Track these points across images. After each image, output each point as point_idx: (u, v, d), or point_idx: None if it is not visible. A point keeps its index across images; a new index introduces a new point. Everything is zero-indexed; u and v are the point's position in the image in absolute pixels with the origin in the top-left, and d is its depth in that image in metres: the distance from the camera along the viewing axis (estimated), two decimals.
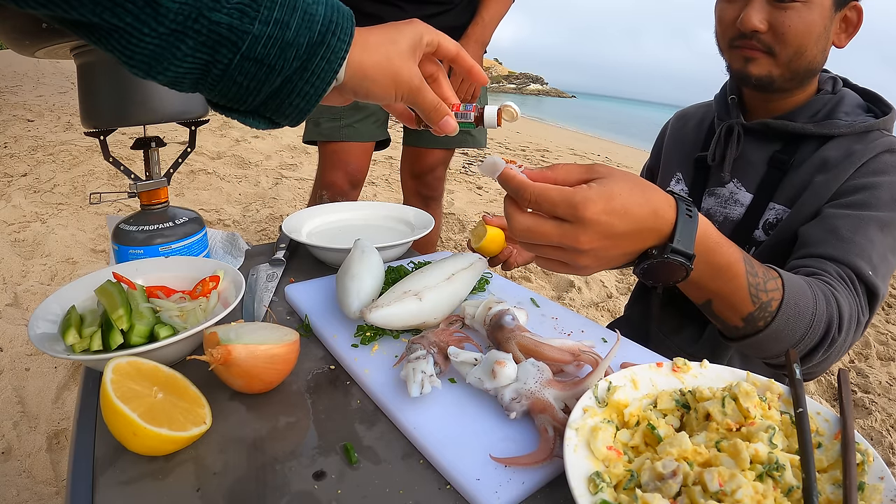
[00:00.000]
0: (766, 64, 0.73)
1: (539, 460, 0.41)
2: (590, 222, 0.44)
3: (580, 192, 0.44)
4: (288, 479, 0.41)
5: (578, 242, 0.45)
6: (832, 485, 0.37)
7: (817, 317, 0.57)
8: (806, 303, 0.57)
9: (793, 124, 0.77)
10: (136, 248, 0.71)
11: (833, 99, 0.78)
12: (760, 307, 0.55)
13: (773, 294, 0.55)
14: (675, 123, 1.00)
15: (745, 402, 0.41)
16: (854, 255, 0.64)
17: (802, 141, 0.77)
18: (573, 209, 0.44)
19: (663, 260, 0.47)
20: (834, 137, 0.74)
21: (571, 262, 0.48)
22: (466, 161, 5.27)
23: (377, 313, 0.56)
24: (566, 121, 19.50)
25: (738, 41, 0.74)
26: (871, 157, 0.71)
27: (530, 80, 77.55)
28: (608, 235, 0.45)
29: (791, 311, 0.56)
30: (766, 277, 0.55)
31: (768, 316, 0.56)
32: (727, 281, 0.53)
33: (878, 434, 1.65)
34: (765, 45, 0.72)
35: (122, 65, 0.35)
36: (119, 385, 0.42)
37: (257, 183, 3.64)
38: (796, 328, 0.57)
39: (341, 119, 1.40)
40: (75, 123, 4.69)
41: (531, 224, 0.46)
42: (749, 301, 0.55)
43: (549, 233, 0.46)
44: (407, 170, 1.64)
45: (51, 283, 2.07)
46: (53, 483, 1.22)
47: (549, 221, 0.46)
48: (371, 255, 0.68)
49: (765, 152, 0.80)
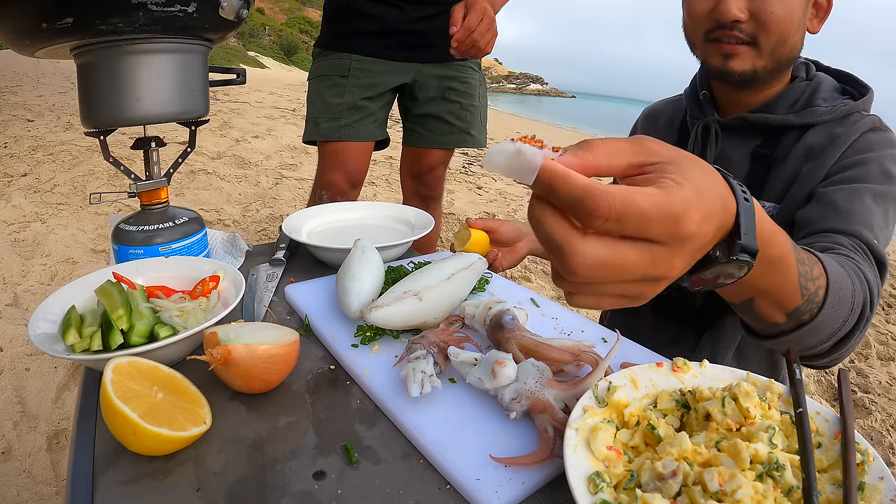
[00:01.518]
0: (749, 57, 0.69)
1: (539, 460, 0.41)
2: (691, 238, 0.31)
3: (677, 199, 0.30)
4: (288, 479, 0.41)
5: (671, 269, 0.32)
6: (832, 485, 0.37)
7: (856, 299, 0.52)
8: (846, 285, 0.51)
9: (773, 117, 0.73)
10: (136, 248, 0.71)
11: (810, 86, 0.75)
12: (808, 299, 0.48)
13: (819, 282, 0.48)
14: (645, 123, 0.95)
15: (745, 402, 0.41)
16: (857, 224, 0.62)
17: (783, 133, 0.74)
18: (674, 224, 0.30)
19: (729, 262, 0.35)
20: (816, 125, 0.72)
21: (643, 295, 0.34)
22: (466, 161, 5.27)
23: (377, 313, 0.56)
24: (566, 121, 19.50)
25: (716, 33, 0.69)
26: (856, 137, 0.69)
27: (530, 80, 77.56)
28: (699, 249, 0.33)
29: (836, 297, 0.50)
30: (811, 263, 0.48)
31: (815, 307, 0.49)
32: (779, 275, 0.44)
33: (878, 434, 1.65)
34: (747, 34, 0.68)
35: None
36: (119, 385, 0.42)
37: (257, 183, 3.64)
38: (839, 315, 0.51)
39: (340, 119, 1.40)
40: (75, 123, 4.69)
41: (610, 256, 0.30)
42: (798, 294, 0.47)
43: (636, 264, 0.31)
44: (406, 170, 1.64)
45: (51, 283, 2.07)
46: (53, 483, 1.22)
47: (633, 248, 0.30)
48: (371, 255, 0.68)
49: (745, 148, 0.77)
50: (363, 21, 1.36)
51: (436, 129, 1.51)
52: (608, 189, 0.29)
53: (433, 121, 1.50)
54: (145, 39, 0.65)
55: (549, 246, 0.31)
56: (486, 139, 1.62)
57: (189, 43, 0.70)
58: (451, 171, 4.66)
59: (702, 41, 0.72)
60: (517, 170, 0.30)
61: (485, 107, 1.59)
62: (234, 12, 0.69)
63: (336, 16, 1.41)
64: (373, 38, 1.37)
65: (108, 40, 0.63)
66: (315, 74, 1.46)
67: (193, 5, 0.64)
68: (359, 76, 1.39)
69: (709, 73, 0.78)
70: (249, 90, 9.25)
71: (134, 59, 0.65)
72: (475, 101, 1.53)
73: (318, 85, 1.44)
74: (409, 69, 1.42)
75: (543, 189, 0.30)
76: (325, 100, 1.41)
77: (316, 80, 1.45)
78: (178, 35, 0.67)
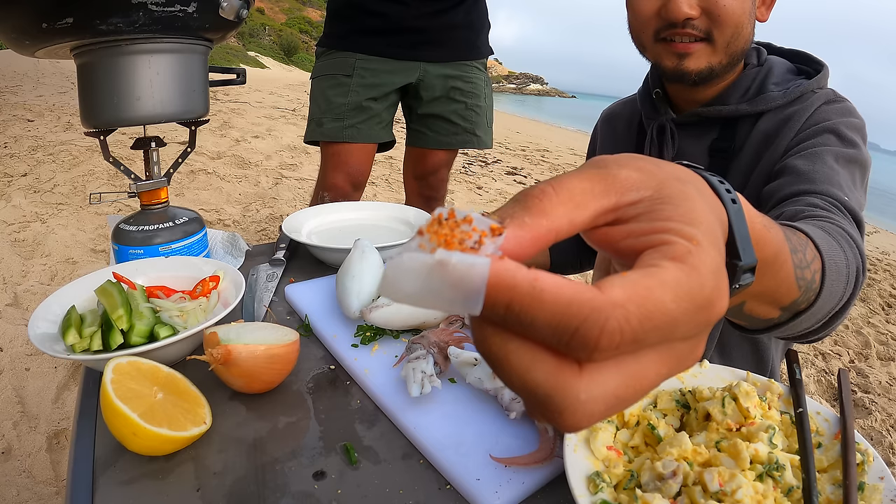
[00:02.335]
0: (705, 55, 0.66)
1: (539, 460, 0.41)
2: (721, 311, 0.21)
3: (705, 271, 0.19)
4: (288, 479, 0.41)
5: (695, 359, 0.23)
6: (832, 485, 0.37)
7: (850, 269, 0.47)
8: (839, 258, 0.46)
9: (726, 108, 0.71)
10: (136, 248, 0.71)
11: (761, 71, 0.72)
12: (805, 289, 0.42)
13: (814, 265, 0.42)
14: (604, 127, 0.92)
15: (745, 402, 0.41)
16: (824, 184, 0.58)
17: (738, 123, 0.72)
18: (707, 313, 0.20)
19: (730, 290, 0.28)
20: (769, 111, 0.70)
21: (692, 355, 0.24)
22: (466, 161, 5.27)
23: (377, 313, 0.56)
24: (566, 121, 19.52)
25: (667, 32, 0.66)
26: (811, 113, 0.67)
27: (530, 80, 77.54)
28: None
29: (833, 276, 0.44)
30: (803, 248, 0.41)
31: (812, 295, 0.43)
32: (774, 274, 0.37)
33: (878, 434, 1.65)
34: (701, 31, 0.65)
35: None
36: (119, 385, 0.42)
37: (257, 183, 3.64)
38: (836, 292, 0.45)
39: (345, 120, 1.39)
40: (75, 123, 4.69)
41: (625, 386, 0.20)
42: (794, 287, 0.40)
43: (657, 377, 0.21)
44: (410, 171, 1.63)
45: (51, 283, 2.07)
46: (53, 483, 1.22)
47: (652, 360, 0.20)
48: (371, 255, 0.68)
49: (703, 143, 0.75)
50: (368, 18, 1.35)
51: (440, 130, 1.50)
52: (610, 297, 0.17)
53: (438, 121, 1.49)
54: (145, 39, 0.65)
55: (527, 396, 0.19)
56: (492, 140, 1.60)
57: (189, 43, 0.70)
58: (450, 171, 4.65)
59: (652, 42, 0.69)
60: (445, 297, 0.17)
61: (491, 107, 1.57)
62: (234, 12, 0.69)
63: (340, 14, 1.40)
64: (378, 36, 1.35)
65: (108, 40, 0.63)
66: (319, 73, 1.45)
67: (193, 5, 0.64)
68: (364, 75, 1.38)
69: (663, 74, 0.73)
70: (249, 90, 9.25)
71: (134, 59, 0.65)
72: (480, 101, 1.52)
73: (321, 84, 1.43)
74: (415, 68, 1.41)
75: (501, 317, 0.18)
76: (329, 99, 1.40)
77: (320, 80, 1.44)
78: (178, 35, 0.67)
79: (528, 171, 5.20)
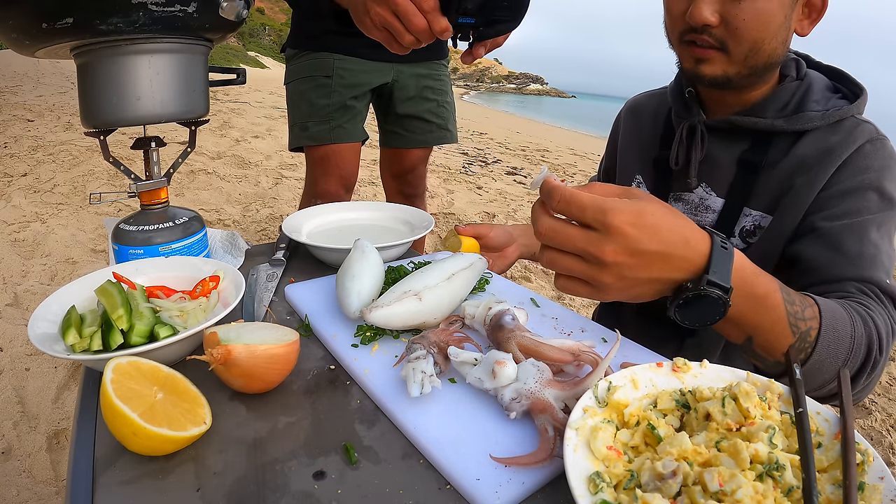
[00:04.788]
0: (720, 63, 0.67)
1: (539, 460, 0.41)
2: (617, 231, 0.43)
3: (611, 201, 0.43)
4: (288, 479, 0.41)
5: (603, 252, 0.44)
6: (832, 485, 0.37)
7: (857, 340, 0.54)
8: (844, 326, 0.54)
9: (762, 121, 0.70)
10: (136, 248, 0.71)
11: (801, 86, 0.71)
12: (800, 338, 0.52)
13: (811, 322, 0.53)
14: (628, 117, 0.92)
15: (745, 402, 0.41)
16: (869, 269, 0.61)
17: (772, 138, 0.71)
18: (602, 214, 0.43)
19: (699, 292, 0.45)
20: (808, 132, 0.69)
21: (594, 280, 0.46)
22: (466, 161, 5.27)
23: (377, 313, 0.56)
24: (566, 121, 19.52)
25: (689, 36, 0.67)
26: (852, 152, 0.66)
27: (530, 80, 77.56)
28: (634, 251, 0.44)
29: (830, 337, 0.53)
30: (803, 305, 0.53)
31: (808, 346, 0.53)
32: (766, 312, 0.51)
33: (878, 434, 1.65)
34: (717, 39, 0.65)
35: None
36: (119, 385, 0.42)
37: (257, 183, 3.65)
38: (837, 355, 0.54)
39: (331, 121, 1.36)
40: (75, 123, 4.69)
41: (556, 225, 0.46)
42: (789, 332, 0.52)
43: (574, 236, 0.45)
44: (387, 170, 1.63)
45: (51, 283, 2.07)
46: (53, 483, 1.22)
47: (575, 226, 0.45)
48: (371, 255, 0.68)
49: (732, 152, 0.74)
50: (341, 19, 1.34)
51: (416, 129, 1.51)
52: (566, 187, 0.45)
53: (414, 121, 1.49)
54: (145, 39, 0.65)
55: (532, 219, 0.48)
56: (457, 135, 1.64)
57: (189, 43, 0.70)
58: (450, 171, 4.66)
59: (677, 42, 0.71)
60: (535, 184, 0.48)
61: (454, 101, 1.61)
62: (234, 12, 0.69)
63: (311, 14, 1.37)
64: (351, 38, 1.31)
65: (108, 40, 0.63)
66: (295, 76, 1.41)
67: (193, 5, 0.64)
68: (343, 75, 1.36)
69: (683, 75, 0.76)
70: (249, 90, 9.26)
71: (134, 59, 0.65)
72: (448, 97, 1.54)
73: (300, 87, 1.39)
74: (389, 69, 1.41)
75: (541, 190, 0.47)
76: (311, 102, 1.36)
77: (297, 83, 1.40)
78: (178, 35, 0.67)
79: (528, 171, 5.20)
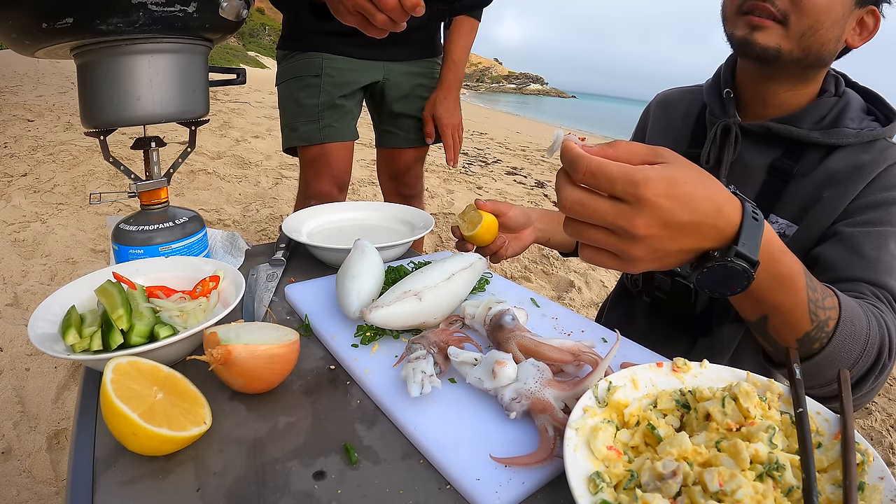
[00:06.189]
0: (776, 34, 0.66)
1: (539, 460, 0.41)
2: (650, 204, 0.39)
3: (642, 171, 0.39)
4: (288, 479, 0.41)
5: (634, 226, 0.40)
6: (832, 485, 0.37)
7: (871, 339, 0.54)
8: (861, 323, 0.53)
9: (798, 131, 0.71)
10: (136, 248, 0.71)
11: (839, 103, 0.72)
12: (818, 326, 0.51)
13: (830, 312, 0.52)
14: (657, 110, 0.92)
15: (745, 402, 0.41)
16: (884, 275, 0.61)
17: (806, 148, 0.72)
18: (633, 187, 0.39)
19: (725, 263, 0.42)
20: (841, 147, 0.70)
21: (623, 253, 0.43)
22: (466, 161, 5.27)
23: (377, 313, 0.56)
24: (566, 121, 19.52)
25: (749, 4, 0.66)
26: (882, 169, 0.67)
27: (530, 80, 77.56)
28: (667, 224, 0.41)
29: (847, 330, 0.52)
30: (823, 294, 0.52)
31: (825, 337, 0.52)
32: (787, 293, 0.49)
33: (878, 434, 1.65)
34: (780, 10, 0.65)
35: None
36: (119, 385, 0.42)
37: (257, 183, 3.65)
38: (851, 350, 0.53)
39: (320, 120, 1.36)
40: (75, 123, 4.69)
41: (583, 197, 0.41)
42: (807, 318, 0.51)
43: (604, 210, 0.41)
44: (384, 171, 1.63)
45: (51, 283, 2.07)
46: (53, 483, 1.22)
47: (604, 199, 0.41)
48: (371, 255, 0.68)
49: (764, 158, 0.74)
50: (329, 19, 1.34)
51: (410, 128, 1.50)
52: (591, 156, 0.40)
53: (407, 120, 1.49)
54: (145, 39, 0.65)
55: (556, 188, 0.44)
56: None
57: (189, 43, 0.70)
58: (450, 171, 4.66)
59: (734, 13, 0.69)
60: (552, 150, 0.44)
61: None
62: (234, 12, 0.69)
63: (300, 14, 1.35)
64: (340, 37, 1.31)
65: (108, 40, 0.63)
66: (284, 78, 1.41)
67: (193, 5, 0.64)
68: (332, 74, 1.35)
69: (732, 45, 0.72)
70: (249, 90, 9.25)
71: (134, 59, 0.65)
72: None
73: (290, 88, 1.39)
74: (379, 68, 1.40)
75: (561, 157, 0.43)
76: (299, 102, 1.36)
77: (287, 84, 1.40)
78: (178, 35, 0.67)
79: (528, 170, 5.20)
